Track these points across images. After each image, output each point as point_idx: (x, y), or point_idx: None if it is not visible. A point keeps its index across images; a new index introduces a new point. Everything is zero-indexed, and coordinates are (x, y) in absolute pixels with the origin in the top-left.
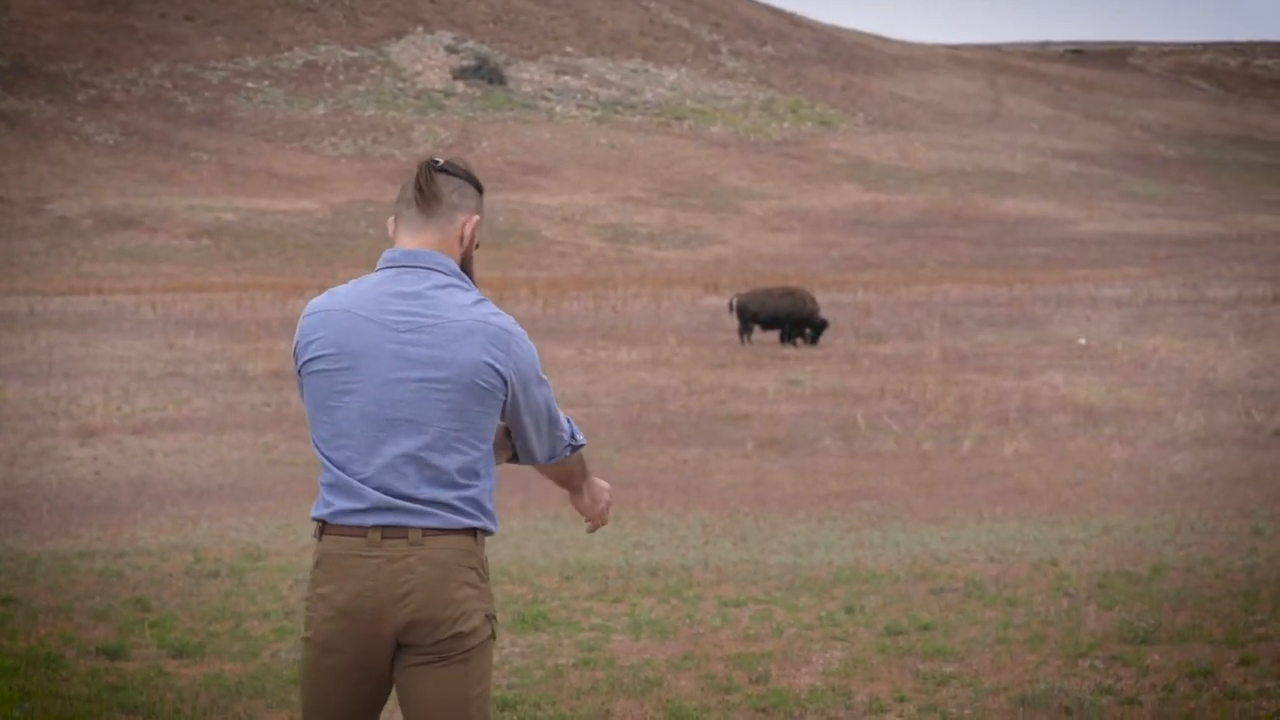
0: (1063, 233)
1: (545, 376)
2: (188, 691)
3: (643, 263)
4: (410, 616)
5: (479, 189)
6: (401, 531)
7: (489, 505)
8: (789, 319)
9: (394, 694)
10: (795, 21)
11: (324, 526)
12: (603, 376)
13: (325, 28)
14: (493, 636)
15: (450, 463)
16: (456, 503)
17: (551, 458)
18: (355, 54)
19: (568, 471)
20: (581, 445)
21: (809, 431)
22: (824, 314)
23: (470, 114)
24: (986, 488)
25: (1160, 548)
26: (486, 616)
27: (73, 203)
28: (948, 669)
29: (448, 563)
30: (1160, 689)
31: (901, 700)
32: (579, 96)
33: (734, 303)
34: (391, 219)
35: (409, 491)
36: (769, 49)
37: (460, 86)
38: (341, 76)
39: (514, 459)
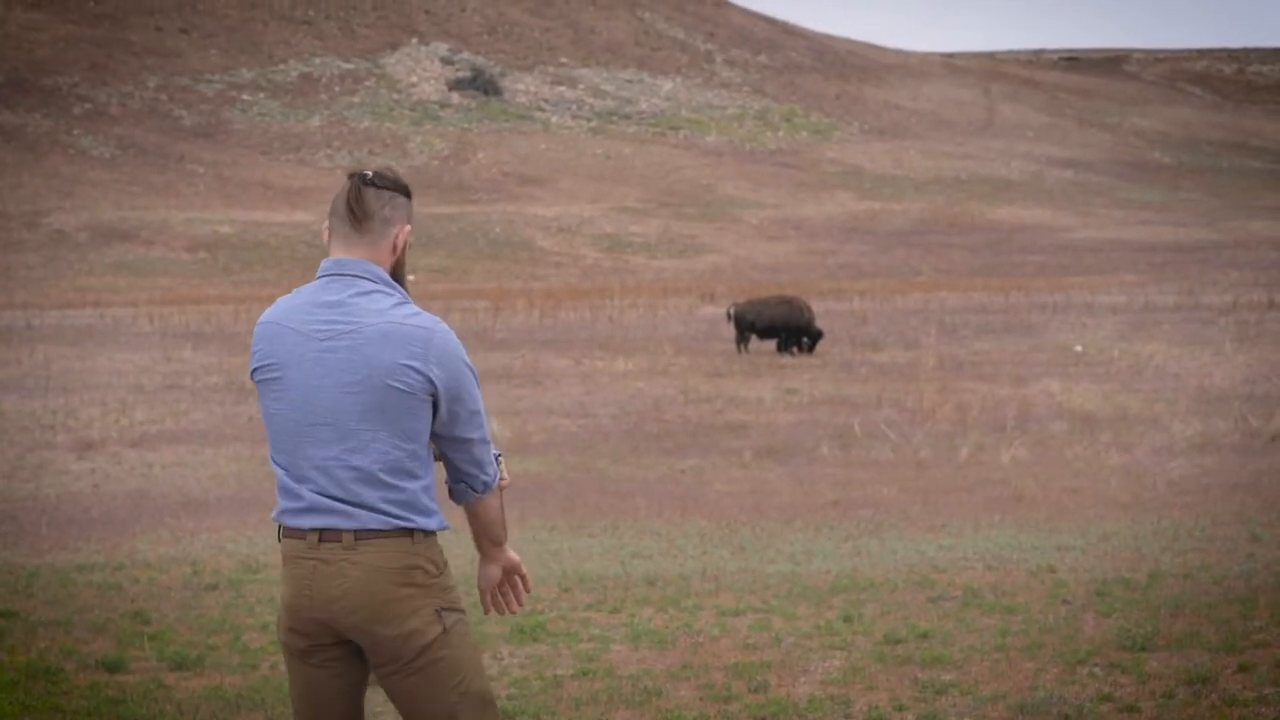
0: (1058, 240)
1: (475, 383)
2: (187, 704)
3: (639, 272)
4: (347, 620)
5: (408, 195)
6: (336, 535)
7: (426, 502)
8: (786, 328)
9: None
10: (789, 31)
11: (280, 529)
12: (600, 387)
13: (320, 40)
14: (445, 630)
15: (373, 464)
16: (384, 505)
17: (489, 481)
18: (350, 66)
19: (489, 518)
20: (498, 455)
21: (806, 440)
22: (819, 323)
23: (465, 125)
24: (984, 495)
25: (1158, 554)
26: (436, 611)
27: (69, 216)
28: (946, 677)
29: (380, 566)
30: (1159, 696)
31: (900, 709)
32: (574, 107)
33: (731, 312)
34: (325, 228)
35: (340, 494)
36: (763, 58)
37: (455, 98)
38: (337, 88)
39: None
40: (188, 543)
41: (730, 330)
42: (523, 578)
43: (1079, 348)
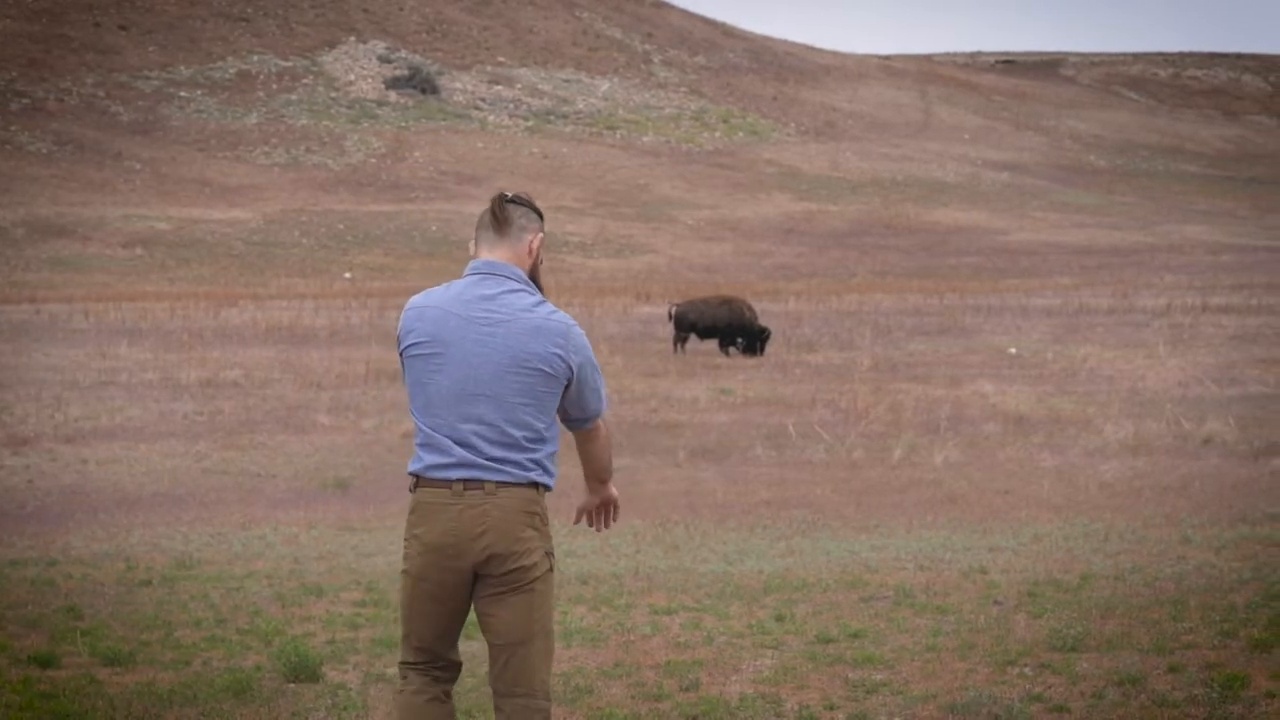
0: (993, 242)
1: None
2: (120, 700)
3: (575, 272)
4: (485, 552)
5: (539, 214)
6: (478, 484)
7: (550, 465)
8: (728, 328)
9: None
10: (727, 32)
11: (418, 480)
12: None
13: (258, 37)
14: (551, 569)
15: (519, 431)
16: (524, 461)
17: (599, 413)
18: (288, 64)
19: (598, 458)
20: (599, 412)
21: (740, 440)
22: (762, 322)
23: (403, 124)
24: (916, 496)
25: (1089, 556)
26: (545, 553)
27: (6, 212)
28: (877, 677)
29: (514, 509)
30: (1089, 696)
31: (831, 708)
32: (511, 106)
33: (672, 312)
34: (472, 242)
35: (485, 452)
36: (701, 59)
37: (393, 96)
38: (274, 86)
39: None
40: (121, 539)
41: (667, 330)
42: (615, 507)
43: (1013, 350)
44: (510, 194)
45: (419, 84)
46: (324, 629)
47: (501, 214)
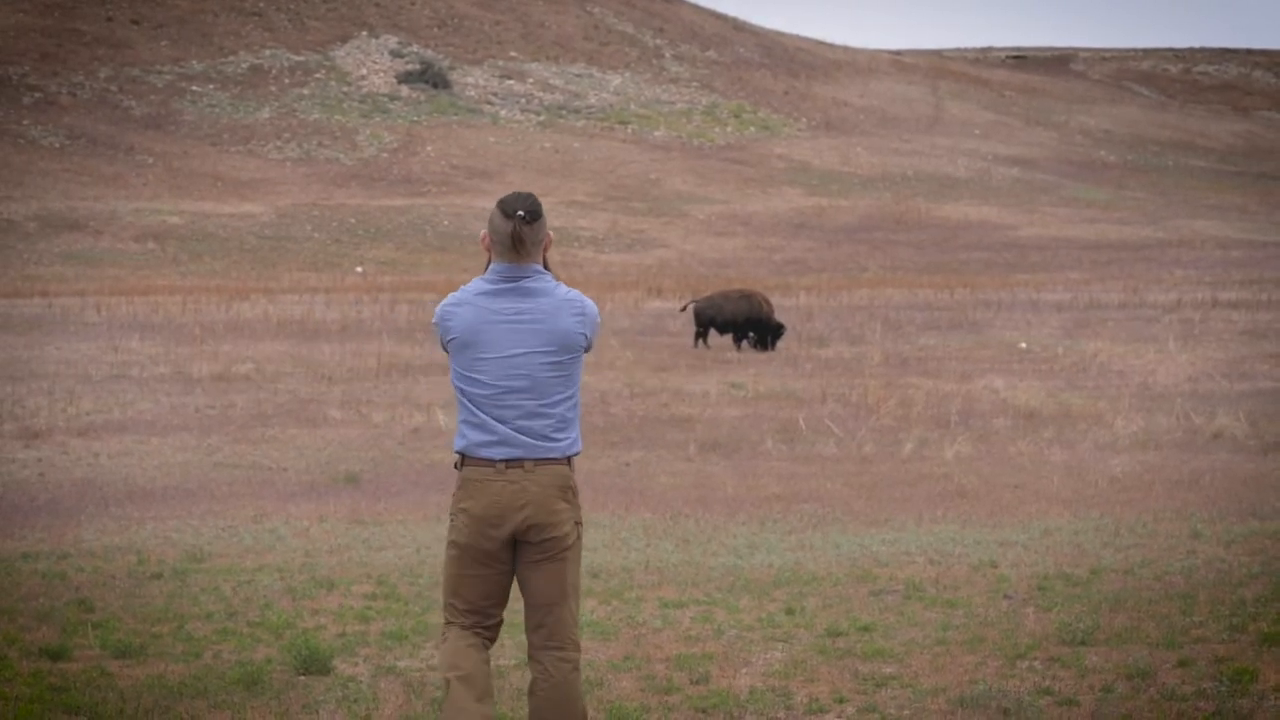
0: (1004, 237)
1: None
2: (130, 692)
3: (586, 266)
4: (526, 523)
5: (542, 211)
6: (519, 463)
7: (578, 429)
8: (747, 322)
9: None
10: (738, 27)
11: (464, 459)
12: None
13: (270, 32)
14: (579, 537)
15: (552, 404)
16: (557, 435)
17: None
18: (300, 58)
19: None
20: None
21: (751, 434)
22: (778, 317)
23: (415, 118)
24: (927, 490)
25: (1099, 550)
26: (575, 523)
27: (18, 205)
28: (887, 670)
29: (550, 485)
30: (1098, 690)
31: (841, 701)
32: (523, 101)
33: (693, 308)
34: (485, 235)
35: (521, 425)
36: (712, 54)
37: (405, 90)
38: (287, 80)
39: None
40: (133, 532)
41: (677, 325)
42: None
43: (1023, 345)
44: (523, 211)
45: (431, 79)
46: (335, 622)
47: (522, 246)
